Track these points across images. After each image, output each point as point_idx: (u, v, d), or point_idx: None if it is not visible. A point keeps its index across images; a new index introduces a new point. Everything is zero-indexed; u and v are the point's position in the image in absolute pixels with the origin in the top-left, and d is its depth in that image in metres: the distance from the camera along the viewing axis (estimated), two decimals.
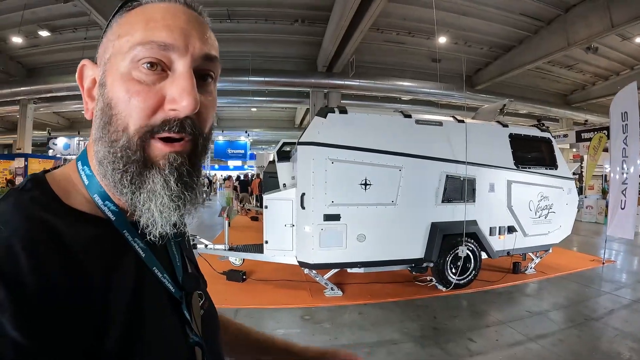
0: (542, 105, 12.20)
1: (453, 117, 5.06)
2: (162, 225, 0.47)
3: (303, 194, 4.39)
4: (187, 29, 0.47)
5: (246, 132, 18.31)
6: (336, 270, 4.67)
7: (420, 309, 4.28)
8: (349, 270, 4.66)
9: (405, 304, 4.38)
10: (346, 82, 10.10)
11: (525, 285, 5.12)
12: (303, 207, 4.40)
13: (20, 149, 12.01)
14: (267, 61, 10.28)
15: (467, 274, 4.83)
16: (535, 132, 5.33)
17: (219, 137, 19.77)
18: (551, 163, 5.31)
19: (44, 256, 0.39)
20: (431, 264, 4.73)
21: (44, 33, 9.06)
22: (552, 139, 5.36)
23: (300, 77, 10.31)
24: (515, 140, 5.14)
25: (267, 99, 12.34)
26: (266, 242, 4.69)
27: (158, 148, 0.46)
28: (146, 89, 0.45)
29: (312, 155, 4.34)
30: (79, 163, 0.51)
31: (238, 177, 14.53)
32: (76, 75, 0.51)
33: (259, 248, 4.87)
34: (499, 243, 4.99)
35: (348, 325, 3.91)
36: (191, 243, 0.69)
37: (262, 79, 10.02)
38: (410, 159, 4.55)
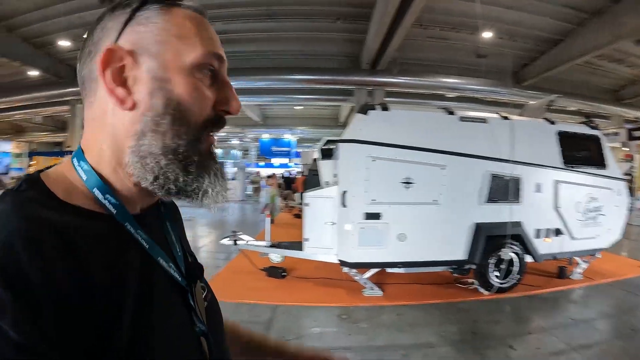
0: (592, 102, 11.40)
1: (498, 113, 4.85)
2: (214, 204, 0.51)
3: (344, 192, 4.32)
4: (219, 41, 0.53)
5: (291, 130, 18.25)
6: (376, 270, 4.58)
7: (461, 312, 4.13)
8: (388, 270, 4.56)
9: (446, 307, 4.23)
10: (390, 80, 9.86)
11: (571, 291, 4.86)
12: (344, 205, 4.32)
13: (70, 147, 12.40)
14: (310, 59, 10.15)
15: (511, 277, 4.63)
16: (584, 130, 5.05)
17: (264, 135, 19.79)
18: (600, 162, 5.01)
19: (46, 255, 0.38)
20: (474, 266, 4.57)
21: None
22: (602, 137, 5.06)
23: (343, 75, 10.15)
24: (564, 138, 4.88)
25: (311, 97, 12.20)
26: (306, 239, 4.64)
27: (209, 140, 0.52)
28: (207, 90, 0.50)
29: (353, 153, 4.25)
30: (75, 160, 0.50)
31: (282, 175, 14.52)
32: (99, 60, 0.47)
33: (299, 245, 4.83)
34: (544, 246, 4.76)
35: (386, 326, 3.81)
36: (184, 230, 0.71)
37: (305, 77, 9.88)
38: (454, 157, 4.39)
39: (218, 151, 0.56)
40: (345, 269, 4.46)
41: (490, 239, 4.52)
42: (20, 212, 0.41)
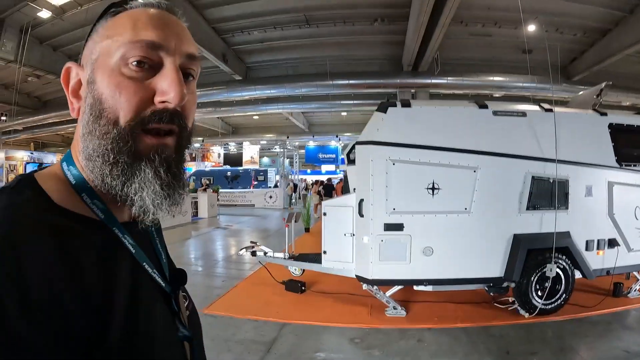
0: None
1: (539, 105, 4.13)
2: (153, 212, 0.48)
3: (361, 200, 3.74)
4: (172, 29, 0.49)
5: (337, 136, 18.07)
6: (399, 287, 3.98)
7: (493, 339, 3.46)
8: (415, 287, 3.96)
9: (477, 332, 3.58)
10: (432, 81, 9.34)
11: (627, 313, 4.07)
12: (361, 215, 3.75)
13: None
14: (351, 64, 9.81)
15: (557, 297, 3.92)
16: None
17: (310, 143, 19.71)
18: None
19: (40, 257, 0.38)
20: (512, 284, 3.89)
21: None
22: None
23: (384, 78, 9.71)
24: (617, 132, 4.10)
25: (355, 102, 11.81)
26: (324, 252, 4.11)
27: (148, 140, 0.47)
28: (136, 83, 0.46)
29: (370, 155, 3.67)
30: (64, 164, 0.50)
31: (322, 182, 14.15)
32: (61, 77, 0.51)
33: (317, 258, 4.31)
34: (596, 260, 4.02)
35: (402, 354, 3.24)
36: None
37: (346, 82, 9.52)
38: (487, 158, 3.72)
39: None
40: (365, 286, 3.88)
41: (531, 253, 3.82)
42: (16, 212, 0.41)
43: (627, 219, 4.05)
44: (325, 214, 4.06)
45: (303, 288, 4.56)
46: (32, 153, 15.28)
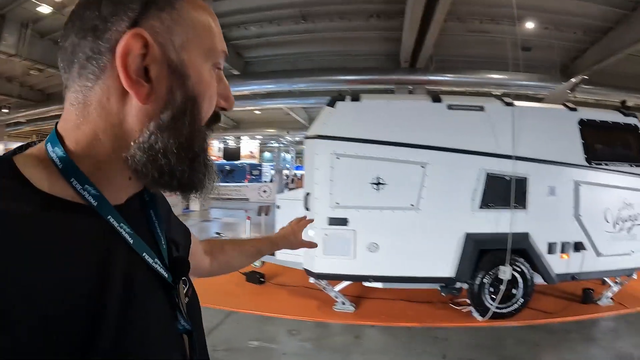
0: None
1: (500, 98, 3.91)
2: (206, 195, 0.49)
3: (307, 194, 3.69)
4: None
5: None
6: (348, 282, 3.88)
7: (435, 341, 3.28)
8: (364, 283, 3.86)
9: (421, 333, 3.41)
10: (429, 78, 9.01)
11: (593, 322, 3.73)
12: (307, 209, 3.70)
13: None
14: (349, 59, 9.56)
15: (513, 301, 3.68)
16: (616, 118, 3.91)
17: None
18: (638, 158, 3.85)
19: (19, 253, 0.33)
20: (466, 285, 3.70)
21: None
22: None
23: (381, 74, 9.39)
24: (588, 128, 3.80)
25: None
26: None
27: (207, 135, 0.49)
28: (215, 89, 0.48)
29: (315, 150, 3.60)
30: (49, 145, 0.43)
31: None
32: (122, 44, 0.39)
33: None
34: (560, 264, 3.73)
35: (333, 349, 3.16)
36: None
37: (344, 77, 9.24)
38: (439, 153, 3.56)
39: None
40: (312, 280, 3.82)
41: (486, 254, 3.62)
42: None
43: (595, 222, 3.74)
44: (278, 207, 4.04)
45: (262, 280, 4.55)
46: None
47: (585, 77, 4.04)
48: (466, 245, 3.56)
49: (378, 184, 3.51)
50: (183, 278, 0.53)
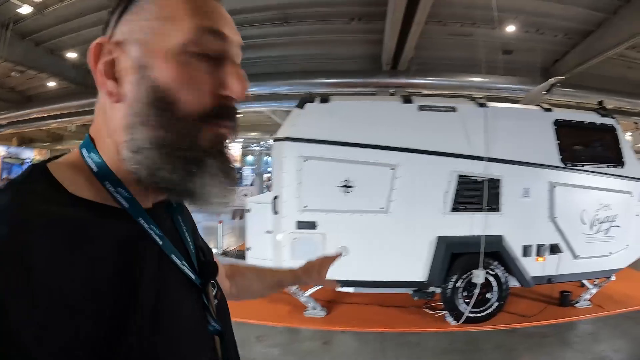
0: (630, 99, 9.85)
1: (473, 99, 3.83)
2: (217, 205, 0.45)
3: (275, 197, 3.62)
4: (228, 18, 0.46)
5: None
6: (318, 287, 3.80)
7: (406, 346, 3.20)
8: (337, 289, 3.77)
9: (393, 338, 3.32)
10: (411, 81, 8.97)
11: (570, 325, 3.61)
12: (276, 212, 3.62)
13: None
14: (331, 62, 9.46)
15: (488, 305, 3.59)
16: (592, 118, 3.82)
17: None
18: (615, 159, 3.75)
19: (51, 253, 0.34)
20: (439, 290, 3.61)
21: None
22: (617, 126, 3.78)
23: (362, 77, 9.30)
24: (563, 129, 3.71)
25: None
26: (248, 248, 4.04)
27: (212, 131, 0.44)
28: (201, 75, 0.43)
29: (283, 152, 3.53)
30: (84, 150, 0.45)
31: None
32: (91, 54, 0.43)
33: (242, 254, 4.25)
34: (536, 267, 3.63)
35: (301, 355, 3.10)
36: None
37: (325, 80, 9.12)
38: (409, 155, 3.47)
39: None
40: None
41: (459, 257, 3.54)
42: (23, 206, 0.36)
43: (571, 223, 3.64)
44: (249, 210, 3.97)
45: None
46: (8, 148, 14.77)
47: (561, 77, 3.95)
48: (437, 248, 3.47)
49: (347, 186, 3.43)
50: (212, 282, 0.54)
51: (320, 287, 3.51)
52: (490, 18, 7.03)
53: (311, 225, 3.46)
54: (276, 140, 3.62)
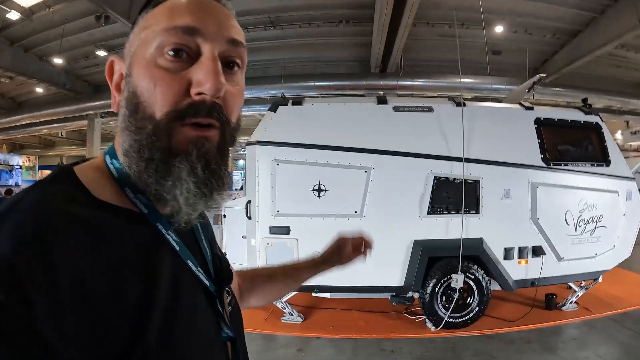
0: (620, 97, 9.73)
1: (452, 99, 3.71)
2: (187, 213, 0.44)
3: (249, 202, 3.54)
4: (211, 13, 0.44)
5: None
6: (294, 292, 3.72)
7: (381, 354, 3.09)
8: (312, 294, 3.68)
9: (368, 345, 3.23)
10: (400, 83, 8.96)
11: (555, 330, 3.48)
12: (249, 217, 3.55)
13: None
14: (320, 65, 9.56)
15: (468, 310, 3.47)
16: (576, 116, 3.67)
17: None
18: (601, 158, 3.59)
19: (73, 251, 0.35)
20: (417, 295, 3.51)
21: (101, 53, 9.57)
22: (602, 124, 3.62)
23: (351, 80, 9.36)
24: (545, 128, 3.57)
25: None
26: (225, 253, 3.95)
27: (186, 133, 0.42)
28: (171, 75, 0.42)
29: (256, 156, 3.45)
30: (107, 157, 0.47)
31: None
32: (105, 71, 0.48)
33: None
34: (519, 270, 3.50)
35: None
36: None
37: (314, 83, 9.24)
38: (383, 157, 3.37)
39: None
40: None
41: (437, 261, 3.42)
42: (49, 207, 0.38)
43: (555, 225, 3.50)
44: (224, 215, 3.90)
45: None
46: None
47: (543, 75, 3.78)
48: (414, 252, 3.36)
49: (319, 190, 3.34)
50: (227, 288, 0.54)
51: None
52: (479, 19, 6.97)
53: (284, 230, 3.38)
54: (248, 144, 3.54)
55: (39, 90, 10.33)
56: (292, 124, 3.44)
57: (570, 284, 3.76)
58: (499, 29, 7.37)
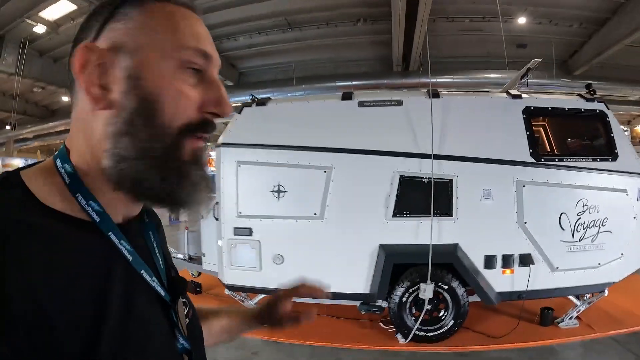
0: None
1: (427, 91, 3.36)
2: (200, 212, 0.46)
3: (216, 203, 3.54)
4: (210, 37, 0.47)
5: None
6: (262, 295, 3.64)
7: None
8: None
9: (324, 354, 3.04)
10: (422, 80, 8.50)
11: (543, 350, 2.95)
12: (217, 219, 3.54)
13: None
14: (341, 66, 9.46)
15: (442, 323, 3.11)
16: (576, 104, 3.10)
17: None
18: (606, 151, 2.99)
19: (22, 262, 0.34)
20: (386, 304, 3.23)
21: None
22: (608, 112, 3.01)
23: (374, 79, 9.12)
24: (535, 118, 3.08)
25: None
26: (203, 254, 4.03)
27: (192, 143, 0.45)
28: (191, 90, 0.44)
29: (221, 158, 3.43)
30: (58, 161, 0.44)
31: None
32: (76, 59, 0.41)
33: (199, 260, 4.24)
34: (503, 281, 3.05)
35: None
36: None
37: (336, 84, 9.00)
38: (345, 156, 3.15)
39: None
40: (227, 291, 3.65)
41: (401, 269, 3.13)
42: None
43: (546, 229, 3.00)
44: (202, 216, 3.94)
45: (198, 289, 4.46)
46: (26, 160, 15.41)
47: (539, 60, 3.23)
48: (379, 258, 3.10)
49: (278, 191, 3.22)
50: (184, 300, 0.53)
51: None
52: (501, 11, 6.40)
53: (247, 231, 3.31)
54: (217, 146, 3.54)
55: (65, 99, 11.35)
56: (255, 125, 3.37)
57: (572, 297, 3.20)
58: (522, 20, 6.76)
